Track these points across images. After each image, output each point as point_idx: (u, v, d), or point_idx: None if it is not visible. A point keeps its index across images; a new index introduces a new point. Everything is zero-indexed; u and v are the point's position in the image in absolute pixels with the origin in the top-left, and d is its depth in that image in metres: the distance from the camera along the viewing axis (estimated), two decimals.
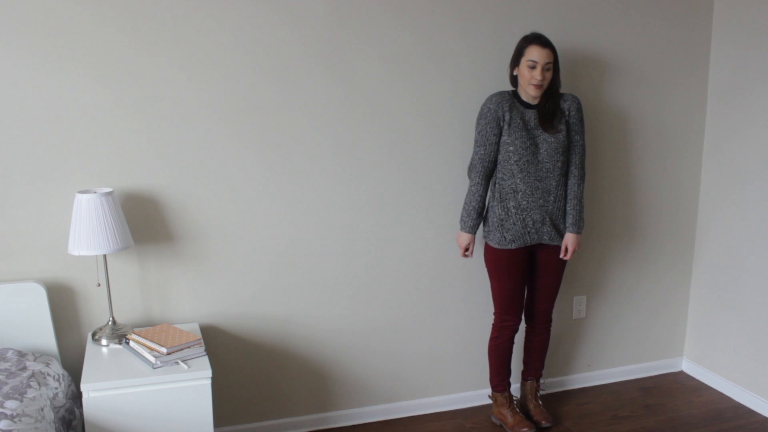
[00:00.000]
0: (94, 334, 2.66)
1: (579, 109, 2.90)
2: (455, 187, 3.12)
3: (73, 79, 2.57)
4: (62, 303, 2.71)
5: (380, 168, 3.00)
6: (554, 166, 2.85)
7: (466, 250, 2.98)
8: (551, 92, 2.84)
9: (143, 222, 2.75)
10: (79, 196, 2.47)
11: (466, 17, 2.98)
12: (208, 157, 2.78)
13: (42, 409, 2.17)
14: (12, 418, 2.04)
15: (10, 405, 2.10)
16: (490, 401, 3.37)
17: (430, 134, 3.04)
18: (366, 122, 2.94)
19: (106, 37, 2.57)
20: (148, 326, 2.83)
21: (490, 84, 3.06)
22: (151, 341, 2.49)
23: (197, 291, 2.87)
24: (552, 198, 2.88)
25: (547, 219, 2.89)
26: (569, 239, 2.95)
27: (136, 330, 2.64)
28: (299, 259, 2.97)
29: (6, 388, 2.20)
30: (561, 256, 2.98)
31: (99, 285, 2.73)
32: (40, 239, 2.64)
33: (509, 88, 3.02)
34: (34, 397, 2.20)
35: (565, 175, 2.92)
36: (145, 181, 2.72)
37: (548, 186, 2.86)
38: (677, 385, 3.58)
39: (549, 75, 2.78)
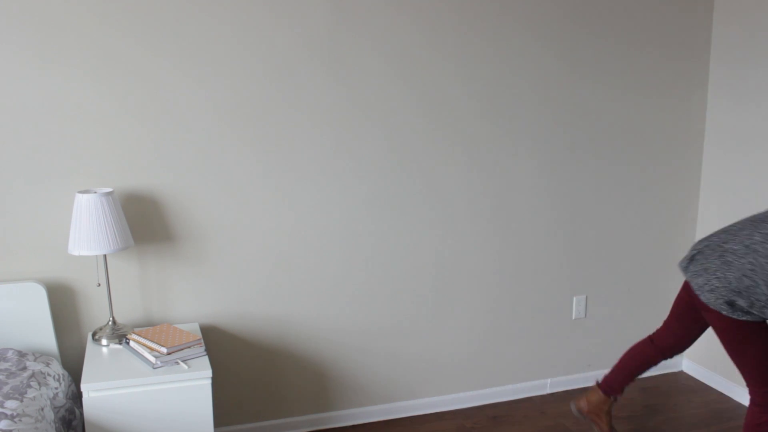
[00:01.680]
0: (94, 334, 2.66)
1: None
2: (456, 186, 3.12)
3: (73, 79, 2.57)
4: (62, 303, 2.71)
5: (380, 168, 3.00)
6: None
7: None
8: None
9: (143, 222, 2.75)
10: (79, 196, 2.47)
11: (468, 15, 2.98)
12: (209, 157, 2.78)
13: (42, 409, 2.17)
14: (12, 418, 2.04)
15: (11, 405, 2.10)
16: (489, 401, 3.38)
17: (430, 133, 3.04)
18: (367, 121, 2.94)
19: (107, 38, 2.57)
20: (148, 326, 2.83)
21: (492, 82, 3.06)
22: (151, 341, 2.49)
23: (197, 291, 2.87)
24: None
25: None
26: None
27: (136, 330, 2.64)
28: (299, 259, 2.97)
29: (6, 388, 2.20)
30: None
31: (99, 285, 2.73)
32: (40, 239, 2.64)
33: (508, 85, 3.01)
34: (34, 397, 2.20)
35: None
36: (145, 181, 2.72)
37: None
38: (677, 385, 3.58)
39: None
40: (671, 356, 2.80)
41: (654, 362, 2.83)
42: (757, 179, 3.21)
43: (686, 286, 2.62)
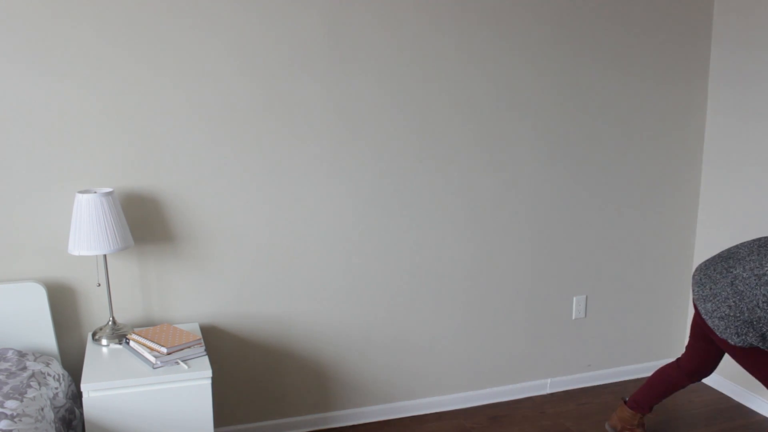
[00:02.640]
0: (94, 334, 2.66)
1: None
2: (454, 186, 3.12)
3: (73, 81, 2.57)
4: (62, 303, 2.71)
5: (379, 166, 3.00)
6: None
7: None
8: None
9: (143, 222, 2.75)
10: (79, 196, 2.47)
11: (460, 25, 2.98)
12: (208, 158, 2.78)
13: (42, 409, 2.17)
14: (12, 418, 2.04)
15: (11, 405, 2.10)
16: (489, 401, 3.38)
17: (425, 134, 3.04)
18: (363, 121, 2.94)
19: (107, 42, 2.58)
20: (148, 326, 2.83)
21: (485, 92, 3.06)
22: (151, 341, 2.49)
23: (197, 291, 2.87)
24: None
25: None
26: None
27: (136, 330, 2.64)
28: (299, 260, 2.97)
29: (6, 388, 2.20)
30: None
31: (99, 285, 2.73)
32: (40, 239, 2.64)
33: (499, 100, 3.00)
34: (34, 397, 2.20)
35: None
36: (145, 181, 2.72)
37: None
38: None
39: None
40: (699, 379, 2.79)
41: (681, 385, 2.83)
42: (757, 182, 3.21)
43: (697, 309, 2.60)
